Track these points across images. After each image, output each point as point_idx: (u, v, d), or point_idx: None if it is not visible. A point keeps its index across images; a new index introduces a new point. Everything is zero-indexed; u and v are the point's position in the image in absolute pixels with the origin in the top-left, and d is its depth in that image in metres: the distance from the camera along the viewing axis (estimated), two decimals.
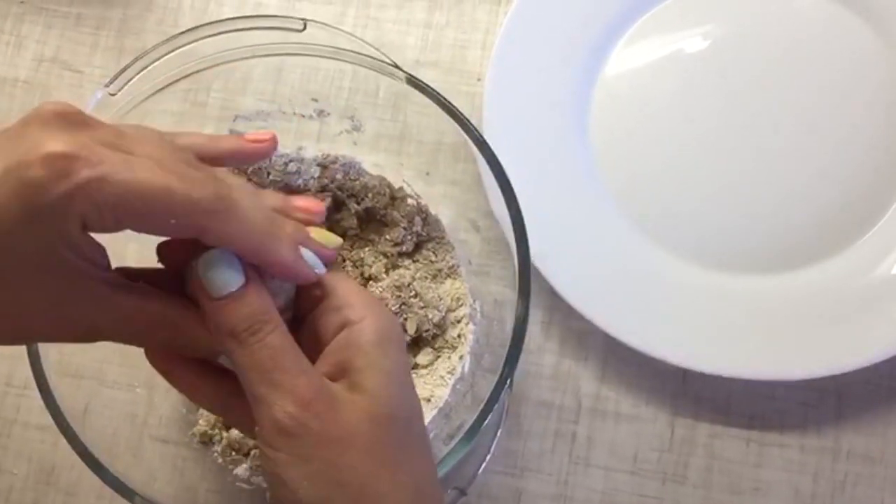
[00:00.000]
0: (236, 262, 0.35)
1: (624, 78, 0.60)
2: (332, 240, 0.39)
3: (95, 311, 0.34)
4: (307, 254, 0.37)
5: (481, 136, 0.48)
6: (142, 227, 0.33)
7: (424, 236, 0.55)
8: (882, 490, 0.54)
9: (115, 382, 0.53)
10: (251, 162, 0.52)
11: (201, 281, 0.34)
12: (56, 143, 0.30)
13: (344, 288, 0.38)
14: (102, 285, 0.34)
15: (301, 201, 0.40)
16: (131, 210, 0.31)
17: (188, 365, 0.38)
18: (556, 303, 0.56)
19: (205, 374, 0.38)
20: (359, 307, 0.37)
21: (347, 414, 0.34)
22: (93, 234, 0.33)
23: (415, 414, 0.37)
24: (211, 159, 0.38)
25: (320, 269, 0.38)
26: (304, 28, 0.51)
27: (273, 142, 0.41)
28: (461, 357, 0.53)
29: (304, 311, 0.38)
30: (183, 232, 0.33)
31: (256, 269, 0.36)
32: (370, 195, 0.55)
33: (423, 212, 0.55)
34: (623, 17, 0.60)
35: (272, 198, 0.40)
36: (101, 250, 0.34)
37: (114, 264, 0.36)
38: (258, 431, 0.34)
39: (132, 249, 0.43)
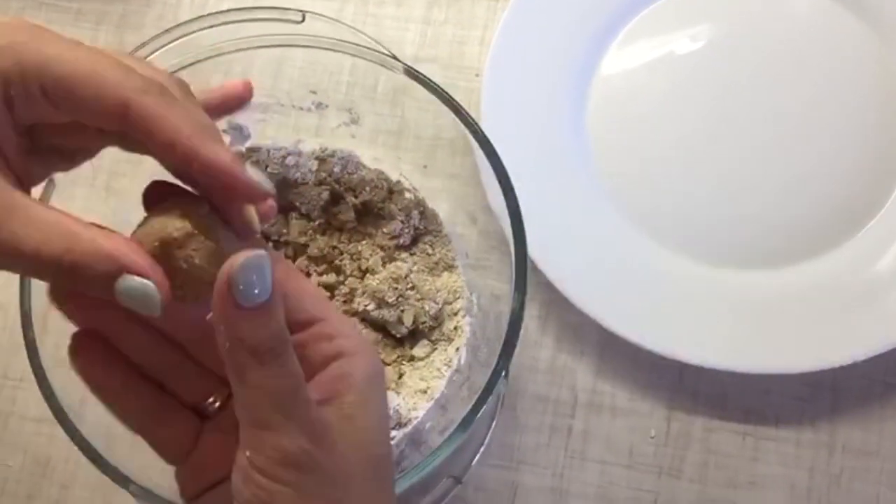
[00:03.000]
0: (269, 272, 0.31)
1: (620, 75, 0.60)
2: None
3: None
4: (254, 172, 0.33)
5: (480, 129, 0.48)
6: (66, 99, 0.31)
7: (422, 230, 0.55)
8: (878, 484, 0.54)
9: None
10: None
11: (231, 282, 0.30)
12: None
13: (337, 317, 0.35)
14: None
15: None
16: (58, 74, 0.30)
17: (114, 372, 0.36)
18: (553, 297, 0.56)
19: (133, 383, 0.36)
20: (353, 340, 0.35)
21: (346, 451, 0.33)
22: None
23: (392, 456, 0.36)
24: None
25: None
26: (303, 20, 0.51)
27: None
28: (457, 349, 0.53)
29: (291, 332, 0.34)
30: (111, 112, 0.31)
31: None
32: (368, 189, 0.55)
33: (420, 205, 0.55)
34: (619, 14, 0.61)
35: None
36: (13, 145, 0.31)
37: None
38: (253, 458, 0.32)
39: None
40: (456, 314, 0.54)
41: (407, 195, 0.56)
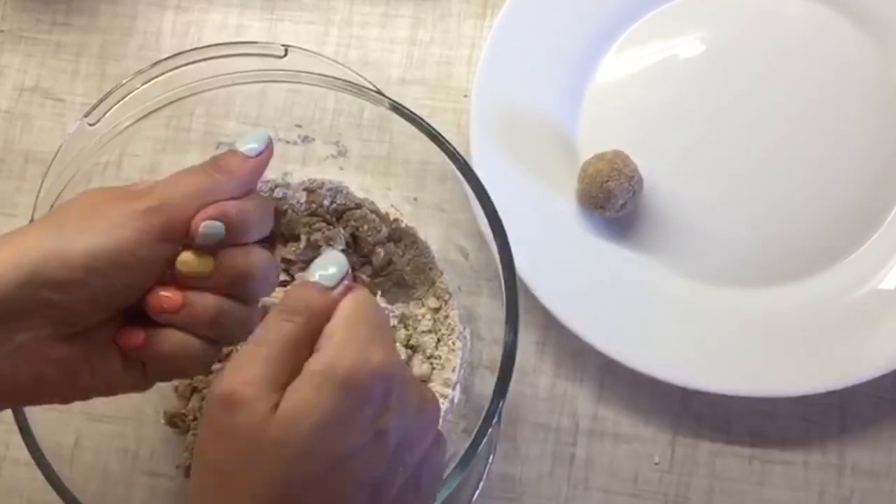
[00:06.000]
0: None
1: (612, 90, 0.59)
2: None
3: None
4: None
5: (466, 163, 0.46)
6: None
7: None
8: None
9: (102, 416, 0.53)
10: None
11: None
12: None
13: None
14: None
15: None
16: None
17: None
18: (551, 322, 0.55)
19: None
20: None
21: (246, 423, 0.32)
22: None
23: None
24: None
25: None
26: (286, 54, 0.50)
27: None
28: (452, 385, 0.52)
29: None
30: None
31: None
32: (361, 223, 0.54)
33: (411, 236, 0.54)
34: (609, 28, 0.59)
35: None
36: None
37: None
38: None
39: None
40: (450, 347, 0.53)
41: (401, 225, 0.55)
